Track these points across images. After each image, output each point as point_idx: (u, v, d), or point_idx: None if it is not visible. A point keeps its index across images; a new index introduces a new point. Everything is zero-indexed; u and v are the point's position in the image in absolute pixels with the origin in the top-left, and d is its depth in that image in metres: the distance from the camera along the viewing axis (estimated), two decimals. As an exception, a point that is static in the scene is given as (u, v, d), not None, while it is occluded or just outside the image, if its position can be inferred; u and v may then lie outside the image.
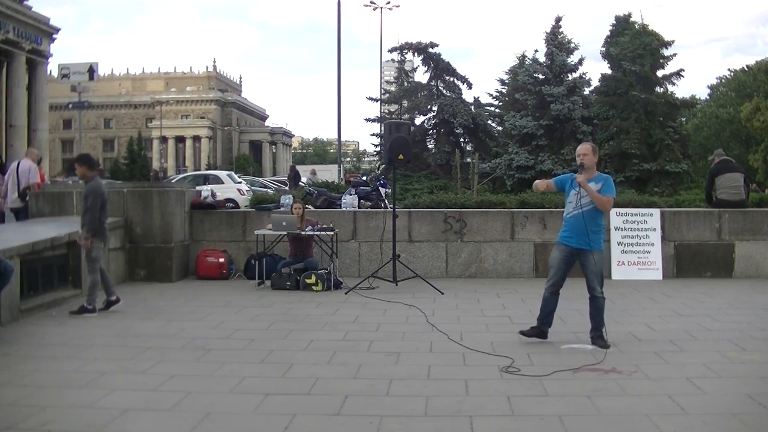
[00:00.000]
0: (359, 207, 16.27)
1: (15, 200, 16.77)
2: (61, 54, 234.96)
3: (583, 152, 9.28)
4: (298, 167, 50.18)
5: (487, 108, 54.64)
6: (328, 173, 45.67)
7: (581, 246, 9.05)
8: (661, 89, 41.81)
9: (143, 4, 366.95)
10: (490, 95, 58.50)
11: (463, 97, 47.51)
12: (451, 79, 47.37)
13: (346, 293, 13.32)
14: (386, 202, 16.80)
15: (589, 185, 9.00)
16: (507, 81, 55.24)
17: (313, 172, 42.45)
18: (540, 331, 9.35)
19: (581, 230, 8.97)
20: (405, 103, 49.51)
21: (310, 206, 15.92)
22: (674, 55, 42.02)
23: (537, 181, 9.75)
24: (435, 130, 47.27)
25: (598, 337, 9.03)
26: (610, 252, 14.95)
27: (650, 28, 42.20)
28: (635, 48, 40.45)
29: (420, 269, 14.59)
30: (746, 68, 68.69)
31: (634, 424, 6.18)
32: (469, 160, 39.85)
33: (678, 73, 41.82)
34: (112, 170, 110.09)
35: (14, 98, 72.45)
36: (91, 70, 39.41)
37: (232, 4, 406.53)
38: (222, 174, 37.49)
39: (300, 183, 37.19)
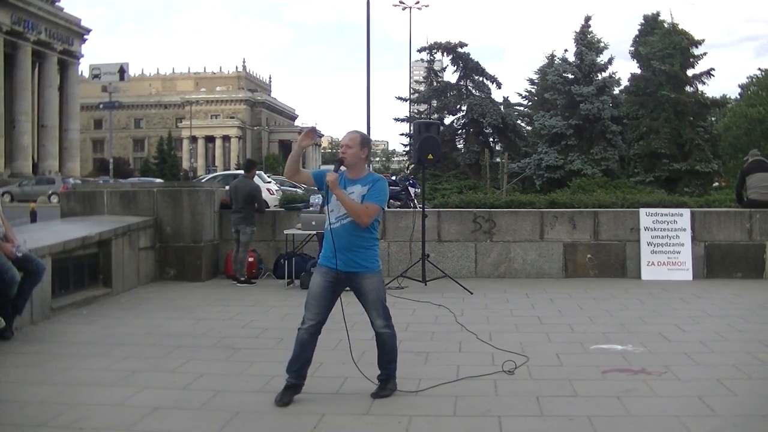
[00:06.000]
0: (388, 207, 16.27)
1: None
2: (93, 54, 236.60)
3: (346, 143, 6.93)
4: (327, 167, 50.52)
5: (517, 108, 54.61)
6: None
7: (350, 268, 6.89)
8: (691, 88, 41.53)
9: (175, 4, 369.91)
10: (520, 95, 58.55)
11: (492, 96, 47.52)
12: (480, 78, 47.35)
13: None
14: (415, 201, 16.86)
15: (347, 189, 6.87)
16: (536, 81, 55.13)
17: None
18: (295, 386, 6.99)
19: (347, 247, 6.85)
20: (434, 103, 49.52)
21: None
22: (704, 54, 41.74)
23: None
24: (464, 130, 47.28)
25: (383, 380, 7.12)
26: (639, 252, 14.93)
27: (680, 26, 41.95)
28: (665, 47, 40.20)
29: (449, 269, 14.57)
30: (778, 67, 68.14)
31: (663, 425, 6.14)
32: (498, 159, 39.85)
33: (708, 72, 41.50)
34: (143, 170, 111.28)
35: (46, 98, 73.33)
36: (122, 71, 39.77)
37: (265, 4, 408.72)
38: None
39: None
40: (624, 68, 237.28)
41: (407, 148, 50.46)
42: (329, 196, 6.88)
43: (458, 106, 47.22)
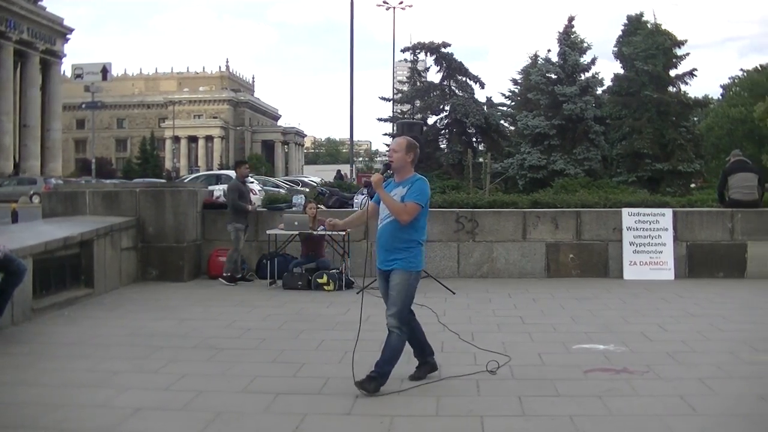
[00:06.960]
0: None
1: None
2: (76, 54, 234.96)
3: (393, 148, 7.39)
4: (310, 167, 50.88)
5: (500, 108, 54.81)
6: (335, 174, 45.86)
7: (386, 266, 7.35)
8: (674, 89, 41.75)
9: (160, 4, 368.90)
10: (503, 95, 58.85)
11: (476, 96, 47.65)
12: (464, 78, 47.44)
13: (357, 293, 13.26)
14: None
15: (392, 192, 7.32)
16: (520, 81, 55.28)
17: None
18: (426, 364, 7.63)
19: (385, 246, 7.36)
20: (417, 103, 49.57)
21: (322, 206, 15.92)
22: (687, 54, 42.07)
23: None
24: (447, 130, 47.34)
25: (371, 377, 6.99)
26: (622, 252, 14.98)
27: (663, 27, 42.18)
28: (648, 47, 40.41)
29: (432, 269, 14.55)
30: (759, 68, 68.50)
31: (645, 425, 6.16)
32: (481, 159, 39.92)
33: (691, 73, 41.77)
34: (125, 170, 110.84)
35: (28, 98, 73.00)
36: (105, 71, 39.72)
37: (250, 4, 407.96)
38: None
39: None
40: (607, 68, 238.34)
41: (390, 148, 50.45)
42: (377, 197, 7.44)
43: (441, 106, 47.27)
